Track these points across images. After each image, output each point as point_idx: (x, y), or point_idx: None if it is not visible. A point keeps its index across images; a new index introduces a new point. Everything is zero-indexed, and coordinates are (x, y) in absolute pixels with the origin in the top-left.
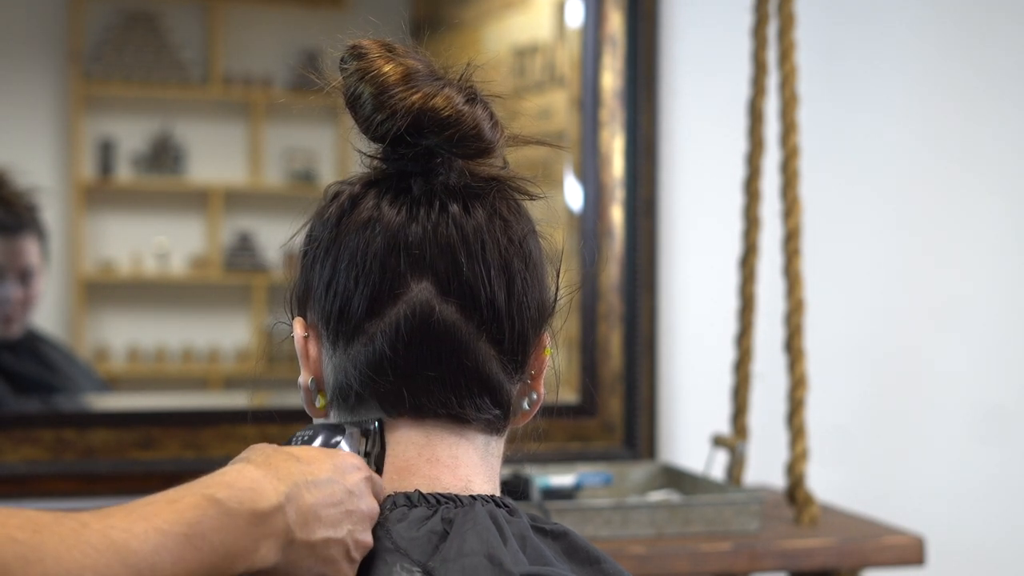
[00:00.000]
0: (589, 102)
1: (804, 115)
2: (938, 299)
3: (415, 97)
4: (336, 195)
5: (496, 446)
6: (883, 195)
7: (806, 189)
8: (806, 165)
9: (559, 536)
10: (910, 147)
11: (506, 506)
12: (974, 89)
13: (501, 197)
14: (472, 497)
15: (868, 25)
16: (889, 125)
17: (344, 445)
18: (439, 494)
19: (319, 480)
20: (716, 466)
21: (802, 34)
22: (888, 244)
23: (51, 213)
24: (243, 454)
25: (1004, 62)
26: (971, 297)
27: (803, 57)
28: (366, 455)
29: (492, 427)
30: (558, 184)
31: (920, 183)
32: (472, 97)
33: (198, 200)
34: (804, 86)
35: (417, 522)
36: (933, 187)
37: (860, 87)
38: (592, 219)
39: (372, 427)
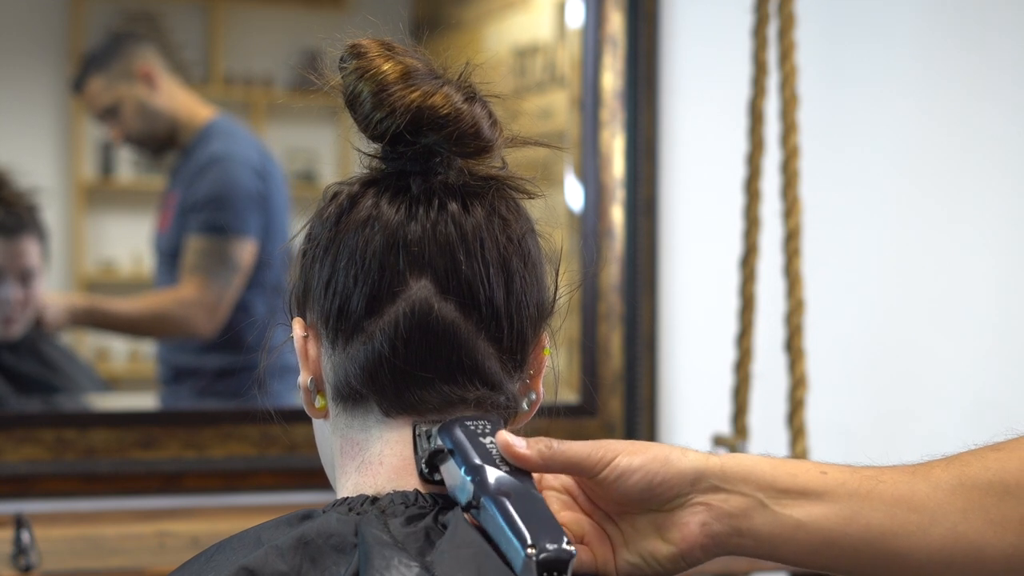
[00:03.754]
0: (589, 102)
1: (804, 115)
2: (938, 298)
3: (414, 95)
4: (335, 195)
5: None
6: (883, 195)
7: (806, 189)
8: (806, 165)
9: None
10: (910, 146)
11: None
12: (975, 89)
13: (500, 196)
14: None
15: (868, 25)
16: (889, 125)
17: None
18: (437, 494)
19: None
20: None
21: (802, 34)
22: (888, 244)
23: (52, 213)
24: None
25: (1007, 64)
26: (970, 296)
27: (803, 57)
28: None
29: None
30: (558, 184)
31: (920, 183)
32: (471, 96)
33: None
34: (804, 86)
35: (414, 519)
36: (933, 187)
37: (860, 87)
38: (592, 219)
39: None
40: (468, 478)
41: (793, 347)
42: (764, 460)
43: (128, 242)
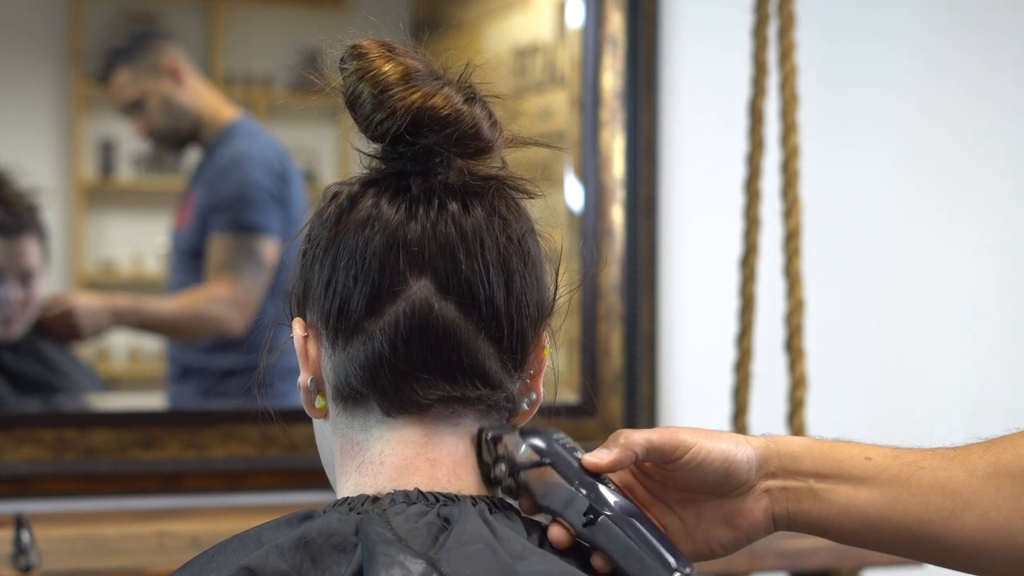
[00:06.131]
0: (589, 102)
1: (804, 115)
2: (937, 298)
3: (414, 96)
4: (335, 195)
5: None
6: (883, 195)
7: (806, 189)
8: (806, 165)
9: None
10: (910, 146)
11: (503, 508)
12: (975, 89)
13: (500, 196)
14: (472, 498)
15: (868, 25)
16: (889, 125)
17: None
18: (437, 493)
19: None
20: None
21: (802, 34)
22: (888, 244)
23: (52, 213)
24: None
25: (1007, 64)
26: (970, 296)
27: (803, 57)
28: None
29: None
30: (558, 184)
31: (920, 183)
32: (471, 97)
33: None
34: (804, 86)
35: (415, 516)
36: (933, 187)
37: (860, 87)
38: (592, 219)
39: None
40: (582, 493)
41: (793, 347)
42: (813, 444)
43: (128, 242)
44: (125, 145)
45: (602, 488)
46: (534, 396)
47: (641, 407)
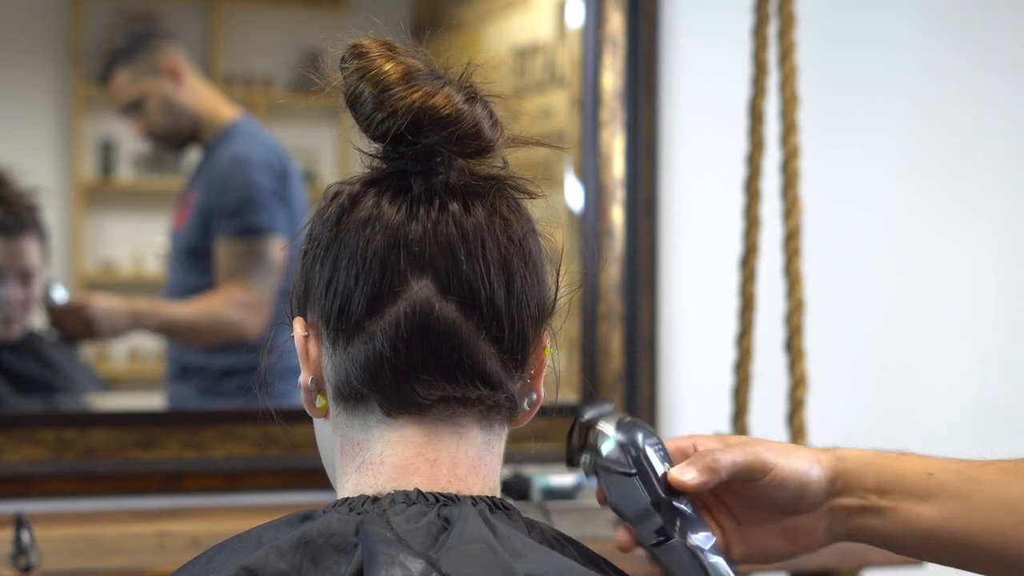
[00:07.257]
0: (589, 102)
1: (804, 115)
2: (938, 298)
3: (415, 96)
4: (336, 195)
5: (497, 446)
6: (883, 195)
7: (806, 189)
8: (806, 165)
9: (565, 543)
10: (910, 146)
11: (504, 508)
12: (975, 89)
13: (501, 196)
14: (472, 498)
15: (868, 25)
16: (889, 125)
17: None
18: (438, 493)
19: None
20: None
21: (802, 34)
22: (888, 244)
23: (52, 213)
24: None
25: (1007, 64)
26: (970, 297)
27: (803, 57)
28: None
29: (492, 425)
30: (558, 184)
31: (920, 182)
32: (472, 96)
33: None
34: (804, 86)
35: (415, 516)
36: (933, 187)
37: (860, 87)
38: (592, 219)
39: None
40: (661, 513)
41: (793, 347)
42: (876, 459)
43: (128, 242)
44: (125, 145)
45: (680, 509)
46: (535, 396)
47: (641, 407)
